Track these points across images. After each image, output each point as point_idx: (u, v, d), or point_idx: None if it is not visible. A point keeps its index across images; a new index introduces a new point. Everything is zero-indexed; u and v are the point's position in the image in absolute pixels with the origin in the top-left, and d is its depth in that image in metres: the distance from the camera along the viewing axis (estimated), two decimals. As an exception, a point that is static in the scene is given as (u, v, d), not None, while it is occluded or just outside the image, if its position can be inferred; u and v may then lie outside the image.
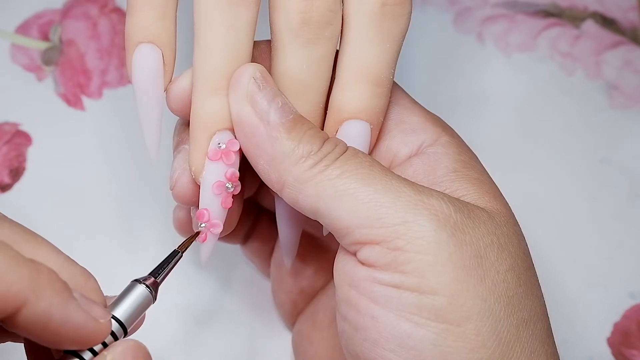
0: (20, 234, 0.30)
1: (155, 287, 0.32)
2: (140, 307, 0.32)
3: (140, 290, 0.32)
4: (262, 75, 0.33)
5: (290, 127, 0.33)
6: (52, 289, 0.28)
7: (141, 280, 0.32)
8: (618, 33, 0.55)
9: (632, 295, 0.47)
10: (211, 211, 0.34)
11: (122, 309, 0.31)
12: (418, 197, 0.32)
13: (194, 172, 0.34)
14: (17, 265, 0.28)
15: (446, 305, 0.31)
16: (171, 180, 0.35)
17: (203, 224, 0.35)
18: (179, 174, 0.35)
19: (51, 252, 0.31)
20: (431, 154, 0.35)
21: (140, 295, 0.32)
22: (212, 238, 0.35)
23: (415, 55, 0.54)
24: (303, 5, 0.33)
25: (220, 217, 0.35)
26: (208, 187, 0.34)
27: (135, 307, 0.32)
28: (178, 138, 0.36)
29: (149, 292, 0.32)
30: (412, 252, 0.31)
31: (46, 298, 0.28)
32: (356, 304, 0.32)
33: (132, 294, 0.32)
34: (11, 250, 0.28)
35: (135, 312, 0.32)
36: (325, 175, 0.32)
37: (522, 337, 0.32)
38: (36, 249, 0.30)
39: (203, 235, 0.35)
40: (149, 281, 0.32)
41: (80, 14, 0.53)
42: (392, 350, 0.31)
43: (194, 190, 0.35)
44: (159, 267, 0.33)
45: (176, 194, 0.35)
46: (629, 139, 0.52)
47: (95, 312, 0.30)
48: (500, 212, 0.34)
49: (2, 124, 0.50)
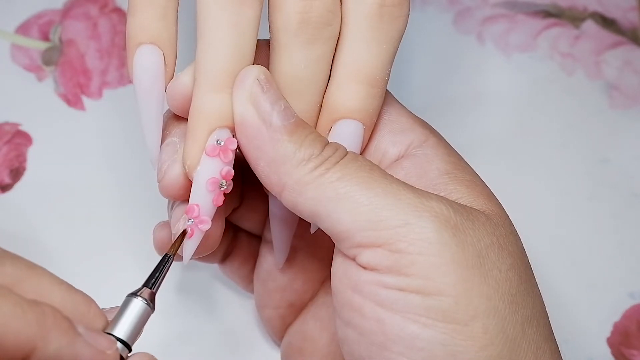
0: (22, 269, 0.30)
1: (151, 298, 0.32)
2: (140, 321, 0.32)
3: (137, 304, 0.32)
4: (266, 77, 0.33)
5: (292, 130, 0.33)
6: (58, 331, 0.28)
7: (137, 294, 0.32)
8: (618, 33, 0.55)
9: (632, 295, 0.47)
10: (201, 207, 0.34)
11: (123, 327, 0.31)
12: (418, 200, 0.32)
13: (188, 166, 0.34)
14: (23, 312, 0.28)
15: (453, 306, 0.31)
16: (159, 173, 0.35)
17: (191, 219, 0.34)
18: (168, 166, 0.35)
19: (53, 284, 0.30)
20: (421, 156, 0.35)
21: (138, 309, 0.32)
22: (199, 235, 0.34)
23: (415, 55, 0.54)
24: (302, 5, 0.33)
25: (209, 214, 0.34)
26: (202, 182, 0.34)
27: (135, 322, 0.32)
28: (165, 131, 0.36)
29: (146, 304, 0.32)
30: (415, 253, 0.31)
31: (54, 341, 0.28)
32: (360, 308, 0.32)
33: (129, 310, 0.32)
34: (15, 297, 0.28)
35: (136, 327, 0.32)
36: (326, 179, 0.32)
37: (527, 334, 0.32)
38: (39, 284, 0.30)
39: (190, 230, 0.34)
40: (145, 293, 0.32)
41: (80, 14, 0.53)
42: (401, 353, 0.31)
43: (183, 183, 0.35)
44: (151, 275, 0.33)
45: (164, 187, 0.35)
46: (629, 139, 0.52)
47: (101, 345, 0.30)
48: (496, 213, 0.34)
49: (2, 124, 0.50)
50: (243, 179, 0.39)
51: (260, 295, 0.43)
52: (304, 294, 0.42)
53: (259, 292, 0.43)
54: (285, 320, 0.42)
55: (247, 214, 0.42)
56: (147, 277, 0.33)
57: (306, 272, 0.41)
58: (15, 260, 0.30)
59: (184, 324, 0.45)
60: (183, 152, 0.34)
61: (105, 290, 0.35)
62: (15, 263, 0.30)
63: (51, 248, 0.46)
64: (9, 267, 0.29)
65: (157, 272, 0.33)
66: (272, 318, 0.42)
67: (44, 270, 0.30)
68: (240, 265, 0.43)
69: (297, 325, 0.42)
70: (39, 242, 0.47)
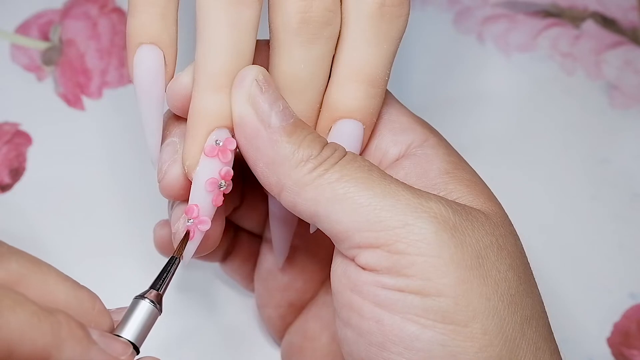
0: (27, 266, 0.30)
1: (159, 300, 0.32)
2: (147, 323, 0.32)
3: (144, 306, 0.32)
4: (264, 77, 0.33)
5: (291, 130, 0.33)
6: (73, 339, 0.28)
7: (144, 296, 0.32)
8: (618, 33, 0.55)
9: (632, 296, 0.47)
10: (201, 207, 0.34)
11: (131, 329, 0.31)
12: (417, 201, 0.32)
13: (187, 166, 0.34)
14: (39, 321, 0.28)
15: (452, 306, 0.31)
16: (159, 173, 0.35)
17: (191, 219, 0.34)
18: (169, 166, 0.35)
19: (59, 281, 0.30)
20: (421, 155, 0.35)
21: (146, 312, 0.32)
22: (199, 235, 0.34)
23: (415, 55, 0.54)
24: (302, 5, 0.33)
25: (209, 214, 0.34)
26: (201, 182, 0.34)
27: (143, 324, 0.32)
28: (166, 131, 0.36)
29: (154, 306, 0.32)
30: (414, 254, 0.31)
31: (69, 350, 0.28)
32: (359, 309, 0.32)
33: (137, 312, 0.32)
34: (32, 305, 0.28)
35: (144, 330, 0.32)
36: (325, 179, 0.32)
37: (526, 334, 0.32)
38: (44, 280, 0.30)
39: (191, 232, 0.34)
40: (152, 295, 0.32)
41: (80, 14, 0.53)
42: (400, 354, 0.31)
43: (183, 183, 0.35)
44: (158, 277, 0.33)
45: (164, 187, 0.35)
46: (629, 139, 0.52)
47: (115, 351, 0.30)
48: (496, 212, 0.34)
49: (2, 124, 0.50)
50: (244, 179, 0.39)
51: (261, 294, 0.43)
52: (304, 294, 0.42)
53: (259, 291, 0.43)
54: (286, 319, 0.42)
55: (247, 213, 0.42)
56: (154, 279, 0.33)
57: (307, 272, 0.41)
58: (20, 257, 0.30)
59: (184, 322, 0.45)
60: (182, 153, 0.34)
61: (106, 290, 0.35)
62: (20, 259, 0.30)
63: (51, 248, 0.46)
64: (14, 263, 0.29)
65: (163, 273, 0.33)
66: (272, 317, 0.43)
67: (49, 267, 0.30)
68: (241, 264, 0.43)
69: (298, 324, 0.42)
70: (39, 242, 0.47)
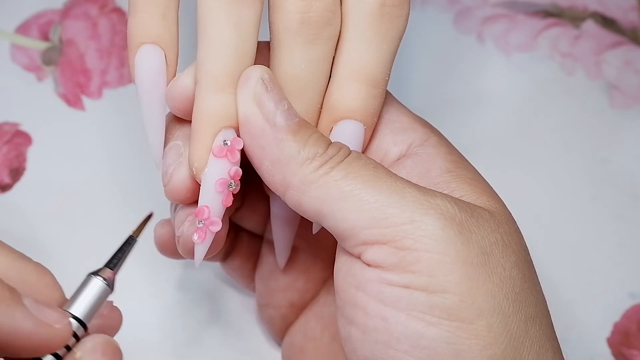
0: None
1: (112, 278, 0.32)
2: (98, 300, 0.32)
3: (96, 283, 0.32)
4: (269, 77, 0.33)
5: (296, 129, 0.33)
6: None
7: (97, 273, 0.32)
8: (618, 33, 0.55)
9: (632, 295, 0.47)
10: (211, 208, 0.34)
11: (80, 305, 0.31)
12: (423, 197, 0.32)
13: (195, 168, 0.34)
14: None
15: (457, 303, 0.31)
16: (165, 177, 0.35)
17: (202, 221, 0.34)
18: (174, 170, 0.35)
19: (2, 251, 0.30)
20: (422, 155, 0.35)
21: (97, 289, 0.32)
22: (210, 236, 0.34)
23: (415, 55, 0.54)
24: (302, 5, 0.33)
25: (219, 215, 0.34)
26: (211, 184, 0.34)
27: (93, 301, 0.31)
28: (168, 134, 0.36)
29: (106, 284, 0.32)
30: (420, 250, 0.31)
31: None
32: (364, 307, 0.32)
33: (88, 289, 0.32)
34: None
35: (94, 307, 0.31)
36: (331, 177, 0.32)
37: (530, 332, 0.32)
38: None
39: (202, 234, 0.34)
40: (105, 272, 0.32)
41: (80, 14, 0.53)
42: (405, 351, 0.31)
43: (190, 186, 0.34)
44: (114, 256, 0.33)
45: (170, 191, 0.35)
46: (629, 139, 0.52)
47: (49, 318, 0.29)
48: (500, 210, 0.34)
49: (2, 124, 0.50)
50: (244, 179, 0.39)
51: (261, 294, 0.43)
52: (305, 294, 0.42)
53: (260, 291, 0.43)
54: (287, 319, 0.42)
55: (248, 214, 0.42)
56: (109, 258, 0.33)
57: (308, 272, 0.41)
58: None
59: (184, 322, 0.45)
60: (189, 154, 0.34)
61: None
62: None
63: (51, 248, 0.46)
64: None
65: (119, 253, 0.33)
66: (273, 317, 0.42)
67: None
68: (242, 264, 0.43)
69: (299, 324, 0.42)
70: (39, 242, 0.47)
